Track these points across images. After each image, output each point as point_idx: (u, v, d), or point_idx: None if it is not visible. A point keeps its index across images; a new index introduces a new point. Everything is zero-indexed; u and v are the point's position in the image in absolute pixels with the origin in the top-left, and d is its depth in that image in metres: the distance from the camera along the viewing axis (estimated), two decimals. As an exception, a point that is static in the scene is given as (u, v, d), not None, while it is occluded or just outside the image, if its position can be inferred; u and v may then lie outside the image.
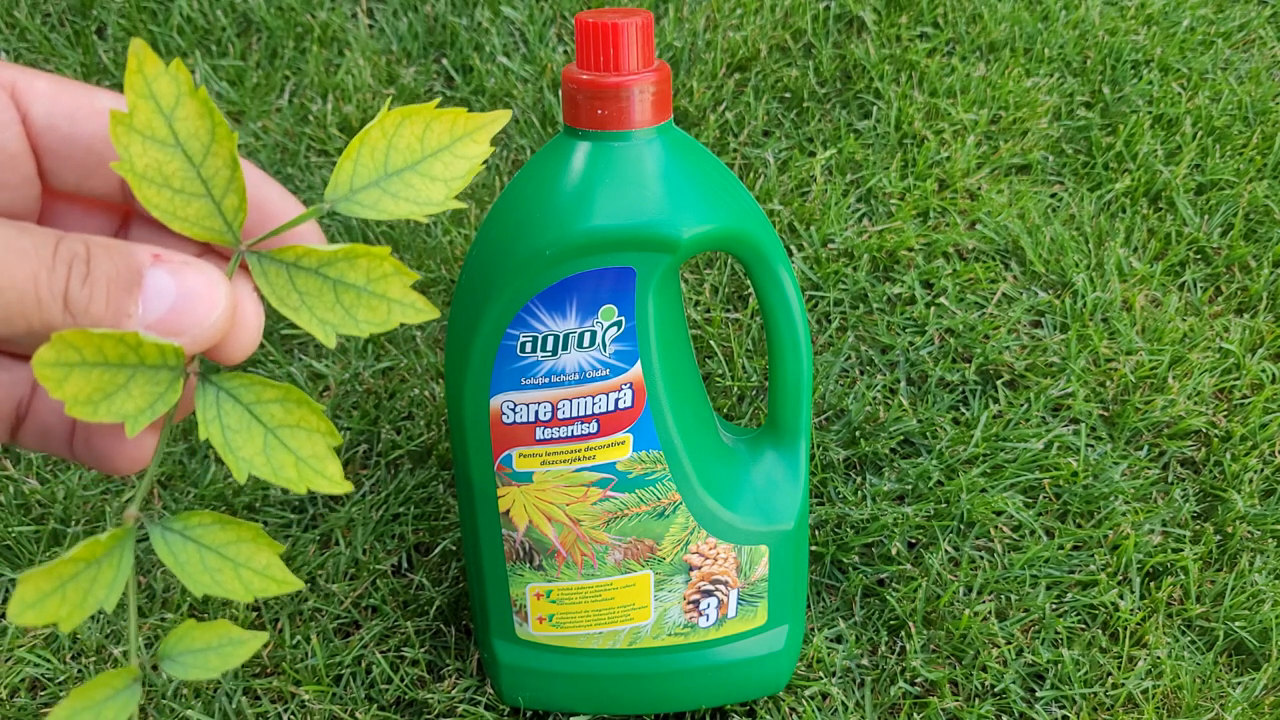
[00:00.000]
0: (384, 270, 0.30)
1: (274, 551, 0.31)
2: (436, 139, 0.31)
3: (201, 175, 0.29)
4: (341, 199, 0.31)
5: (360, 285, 0.30)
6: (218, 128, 0.29)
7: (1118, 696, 0.63)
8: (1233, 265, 0.85)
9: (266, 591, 0.31)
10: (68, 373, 0.27)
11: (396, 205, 0.31)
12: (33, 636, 0.65)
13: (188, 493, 0.72)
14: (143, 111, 0.29)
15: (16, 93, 0.30)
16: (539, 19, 0.98)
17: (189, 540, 0.31)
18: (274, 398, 0.30)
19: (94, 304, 0.27)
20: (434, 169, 0.31)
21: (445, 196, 0.31)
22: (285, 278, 0.30)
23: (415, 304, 0.30)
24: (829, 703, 0.63)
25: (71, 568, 0.28)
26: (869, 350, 0.79)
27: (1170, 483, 0.73)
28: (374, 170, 0.31)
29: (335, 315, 0.30)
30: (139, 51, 0.28)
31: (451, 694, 0.63)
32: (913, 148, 0.89)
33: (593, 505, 0.56)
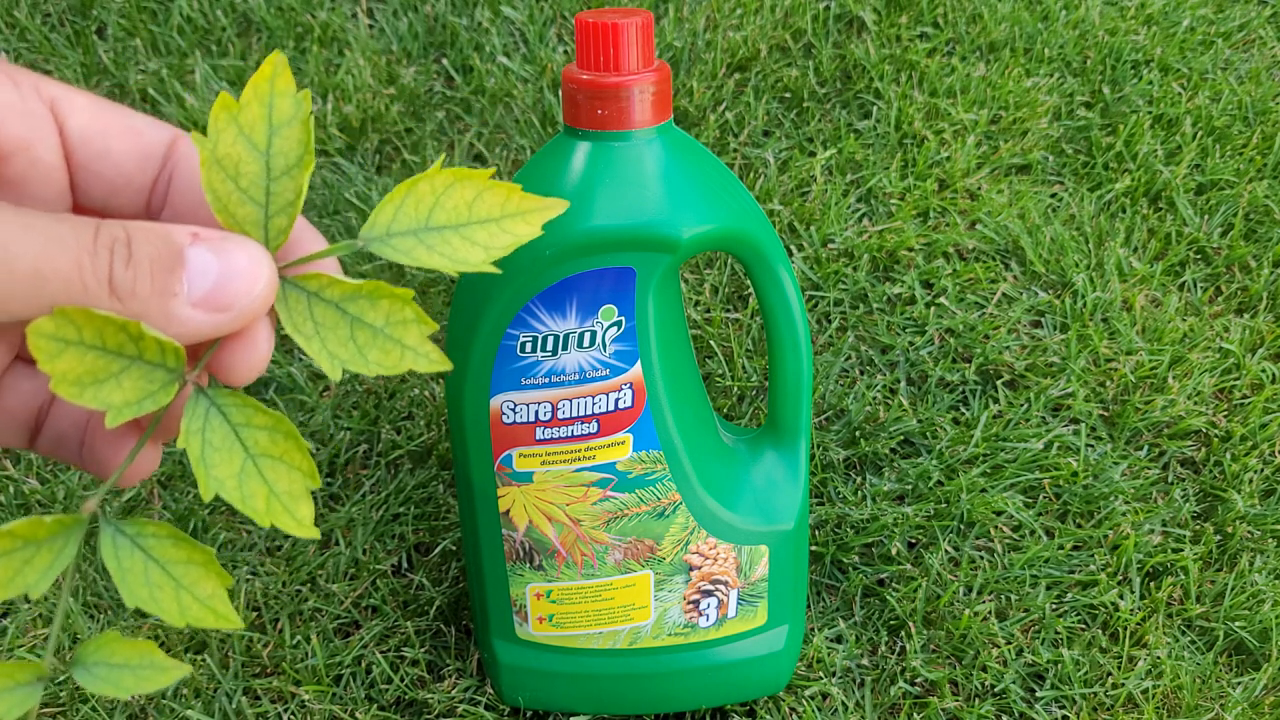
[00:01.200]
0: (404, 315, 0.30)
1: (222, 583, 0.30)
2: (486, 209, 0.31)
3: (269, 189, 0.30)
4: (376, 239, 0.30)
5: (378, 326, 0.30)
6: (307, 156, 0.29)
7: (1118, 696, 0.63)
8: (1233, 265, 0.85)
9: (201, 622, 0.30)
10: (62, 349, 0.27)
11: (430, 257, 0.30)
12: (33, 637, 0.65)
13: (188, 492, 0.72)
14: (253, 112, 0.29)
15: (56, 107, 0.30)
16: (539, 19, 0.98)
17: (138, 548, 0.30)
18: (263, 424, 0.30)
19: (139, 285, 0.27)
20: (477, 235, 0.31)
21: (482, 260, 0.30)
22: (305, 306, 0.30)
23: (429, 354, 0.30)
24: (829, 703, 0.63)
25: (8, 542, 0.28)
26: (869, 350, 0.79)
27: (1170, 483, 0.73)
28: (415, 220, 0.30)
29: (346, 351, 0.30)
30: (279, 64, 0.29)
31: (451, 694, 0.63)
32: (913, 148, 0.89)
33: (593, 505, 0.56)
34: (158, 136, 0.32)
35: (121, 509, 0.71)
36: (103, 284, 0.26)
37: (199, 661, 0.64)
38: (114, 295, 0.27)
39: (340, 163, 0.91)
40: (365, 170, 0.91)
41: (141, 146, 0.31)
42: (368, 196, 0.87)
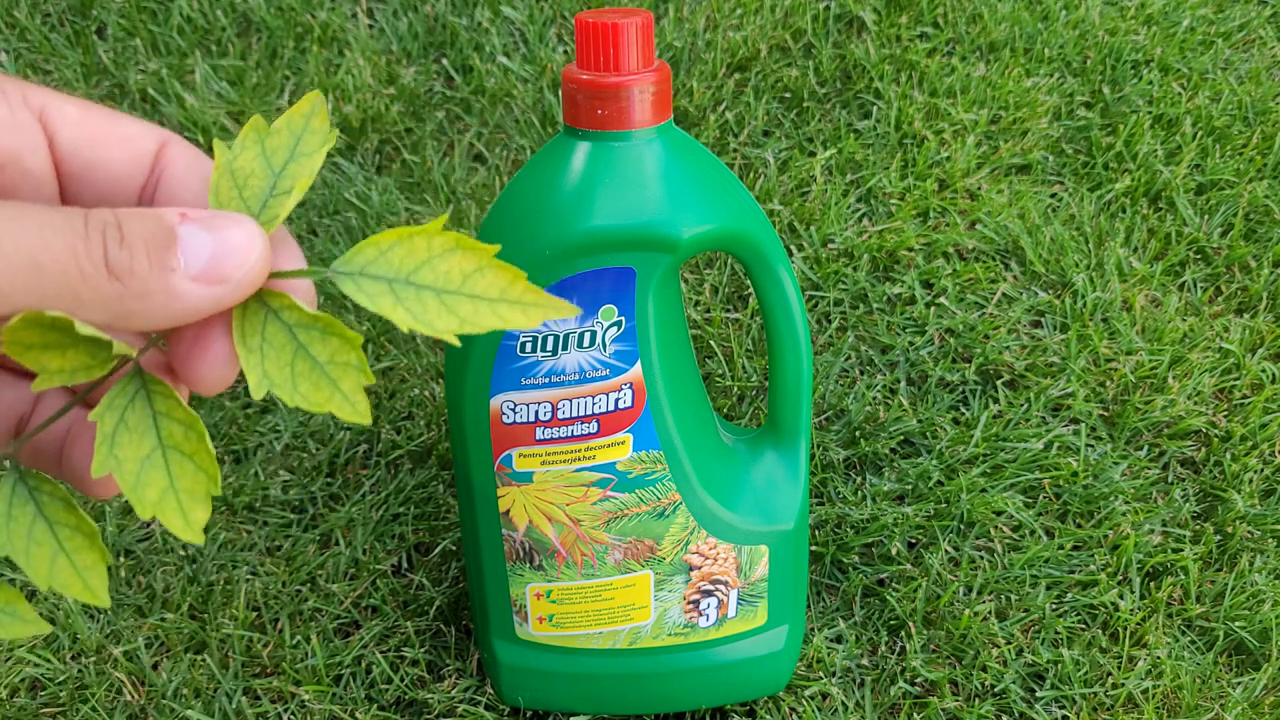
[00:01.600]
0: (348, 359, 0.30)
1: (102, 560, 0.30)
2: (483, 286, 0.30)
3: (266, 204, 0.30)
4: (346, 274, 0.30)
5: (320, 360, 0.30)
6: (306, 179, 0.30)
7: (1118, 696, 0.63)
8: (1233, 265, 0.85)
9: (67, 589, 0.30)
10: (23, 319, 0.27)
11: (394, 309, 0.29)
12: (33, 637, 0.65)
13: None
14: (280, 139, 0.31)
15: (45, 117, 0.30)
16: (539, 19, 0.98)
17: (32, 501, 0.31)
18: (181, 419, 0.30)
19: (136, 263, 0.27)
20: (460, 307, 0.30)
21: (449, 330, 0.29)
22: (260, 319, 0.30)
23: (357, 404, 0.30)
24: (829, 703, 0.63)
25: None
26: (869, 350, 0.79)
27: (1170, 483, 0.73)
28: (395, 270, 0.30)
29: (280, 375, 0.30)
30: (318, 103, 0.31)
31: (451, 694, 0.63)
32: (913, 148, 0.89)
33: (593, 505, 0.56)
34: (147, 144, 0.32)
35: (122, 509, 0.71)
36: (99, 266, 0.27)
37: (199, 661, 0.64)
38: (112, 276, 0.27)
39: (340, 163, 0.91)
40: (365, 170, 0.91)
41: (131, 154, 0.31)
42: (367, 196, 0.87)
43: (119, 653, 0.64)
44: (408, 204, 0.88)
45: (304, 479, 0.73)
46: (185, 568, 0.69)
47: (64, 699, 0.63)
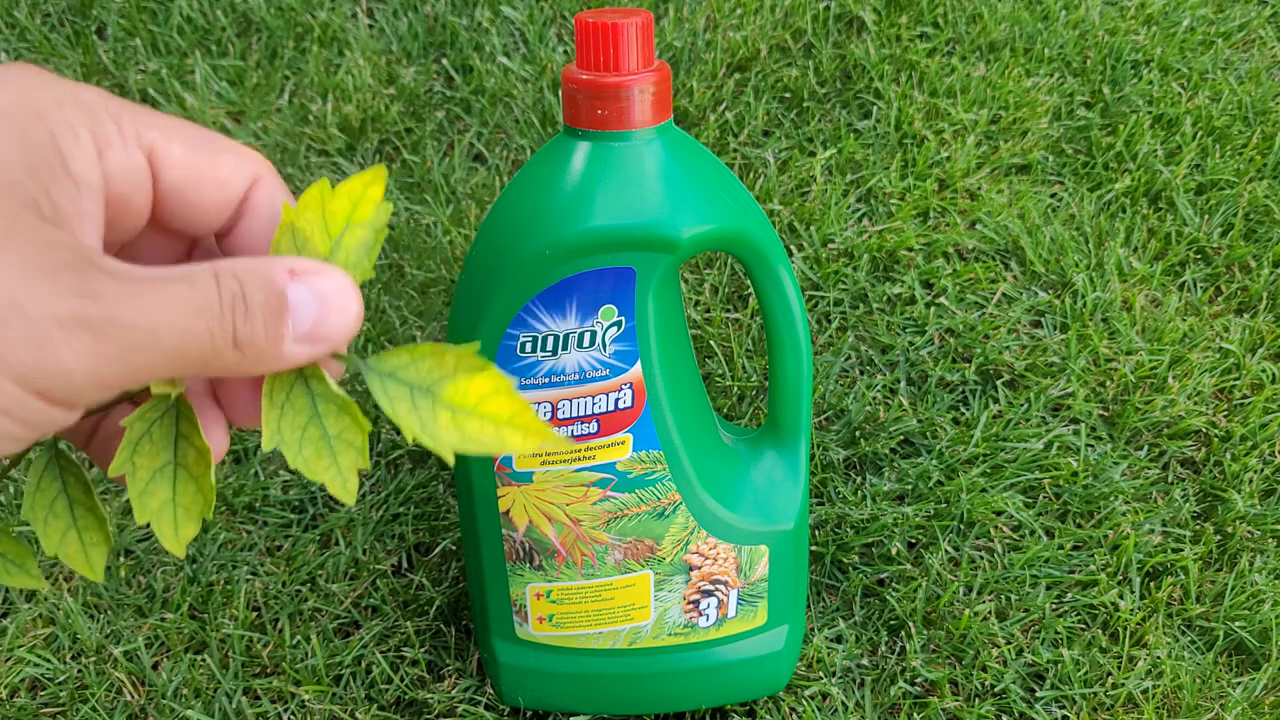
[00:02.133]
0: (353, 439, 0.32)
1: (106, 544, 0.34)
2: (495, 409, 0.32)
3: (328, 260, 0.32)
4: (377, 374, 0.32)
5: (330, 434, 0.32)
6: (367, 261, 0.32)
7: (1118, 696, 0.63)
8: (1233, 265, 0.85)
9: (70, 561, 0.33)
10: None
11: (410, 417, 0.32)
12: (33, 637, 0.65)
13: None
14: (338, 204, 0.32)
15: (153, 158, 0.32)
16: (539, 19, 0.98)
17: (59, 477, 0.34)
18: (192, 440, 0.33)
19: (255, 336, 0.29)
20: (468, 425, 0.32)
21: (447, 447, 0.31)
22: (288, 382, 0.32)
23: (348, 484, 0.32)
24: (829, 703, 0.63)
25: None
26: (869, 350, 0.79)
27: (1170, 483, 0.73)
28: (419, 379, 0.32)
29: (290, 435, 0.32)
30: (379, 175, 0.32)
31: (451, 694, 0.63)
32: (913, 148, 0.89)
33: (593, 505, 0.56)
34: (237, 186, 0.34)
35: (122, 509, 0.71)
36: (229, 343, 0.29)
37: (199, 661, 0.64)
38: (237, 348, 0.29)
39: (340, 163, 0.91)
40: (365, 170, 0.91)
41: (221, 197, 0.33)
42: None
43: (119, 653, 0.64)
44: (407, 204, 0.88)
45: (304, 479, 0.73)
46: (185, 568, 0.69)
47: (64, 699, 0.63)
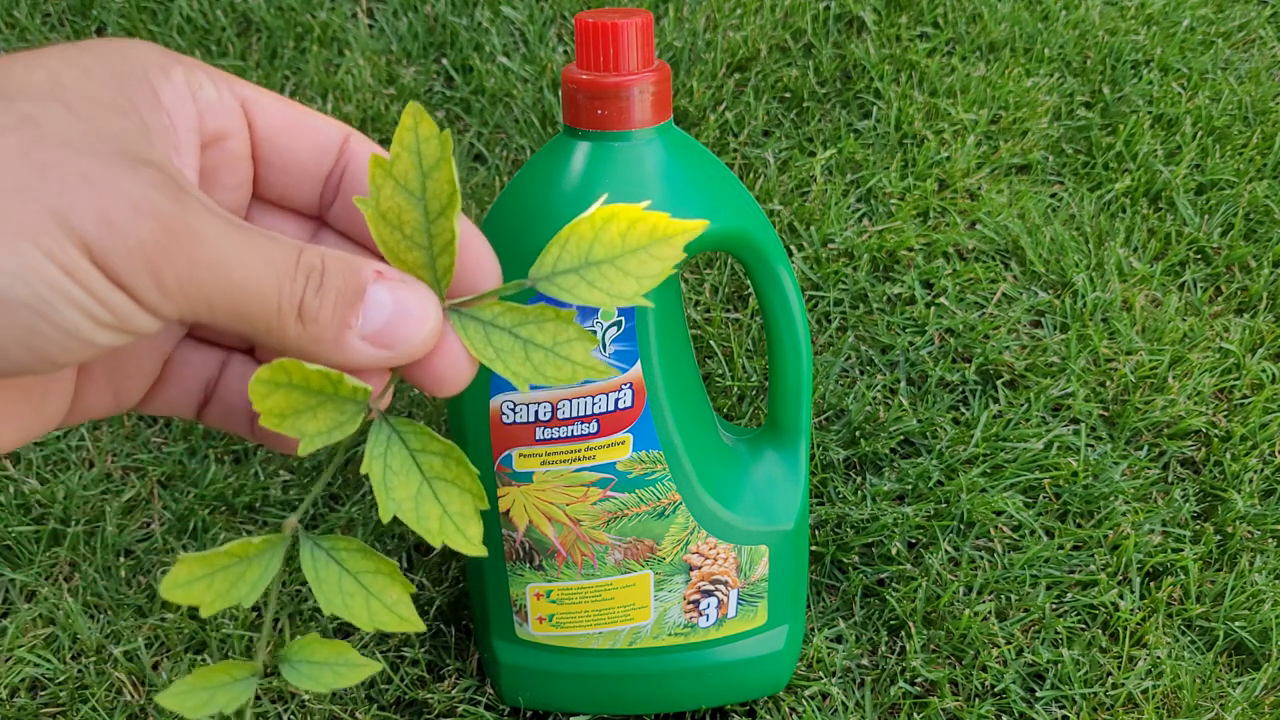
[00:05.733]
0: (569, 335, 0.33)
1: (405, 590, 0.33)
2: (637, 238, 0.33)
3: (430, 231, 0.32)
4: (543, 278, 0.33)
5: (547, 347, 0.33)
6: (455, 195, 0.31)
7: (1118, 696, 0.63)
8: (1233, 265, 0.85)
9: (388, 626, 0.32)
10: (273, 390, 0.30)
11: (590, 293, 0.33)
12: (32, 636, 0.65)
13: (187, 492, 0.72)
14: (404, 163, 0.32)
15: (246, 106, 0.33)
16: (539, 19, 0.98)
17: (333, 560, 0.33)
18: (437, 450, 0.33)
19: (322, 313, 0.29)
20: (629, 264, 0.33)
21: (635, 292, 0.33)
22: (482, 333, 0.33)
23: (597, 366, 0.33)
24: (829, 703, 0.63)
25: (223, 560, 0.30)
26: (869, 350, 0.79)
27: (1170, 483, 0.73)
28: (577, 258, 0.33)
29: (526, 370, 0.32)
30: (415, 112, 0.32)
31: (451, 694, 0.63)
32: (913, 148, 0.89)
33: (593, 505, 0.56)
34: (333, 135, 0.34)
35: (121, 509, 0.71)
36: (294, 307, 0.29)
37: (199, 662, 0.64)
38: (300, 319, 0.29)
39: (340, 163, 0.91)
40: (365, 170, 0.91)
41: (318, 144, 0.34)
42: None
43: (119, 653, 0.64)
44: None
45: (304, 479, 0.73)
46: (185, 568, 0.69)
47: (64, 699, 0.63)
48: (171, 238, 0.26)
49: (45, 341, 0.26)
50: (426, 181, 0.32)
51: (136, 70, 0.29)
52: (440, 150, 0.31)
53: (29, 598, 0.68)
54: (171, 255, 0.26)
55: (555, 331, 0.33)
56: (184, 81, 0.31)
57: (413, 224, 0.32)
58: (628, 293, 0.33)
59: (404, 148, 0.31)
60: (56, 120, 0.27)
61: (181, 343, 0.36)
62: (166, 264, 0.26)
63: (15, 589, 0.68)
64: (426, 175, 0.32)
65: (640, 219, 0.33)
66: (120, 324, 0.27)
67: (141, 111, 0.29)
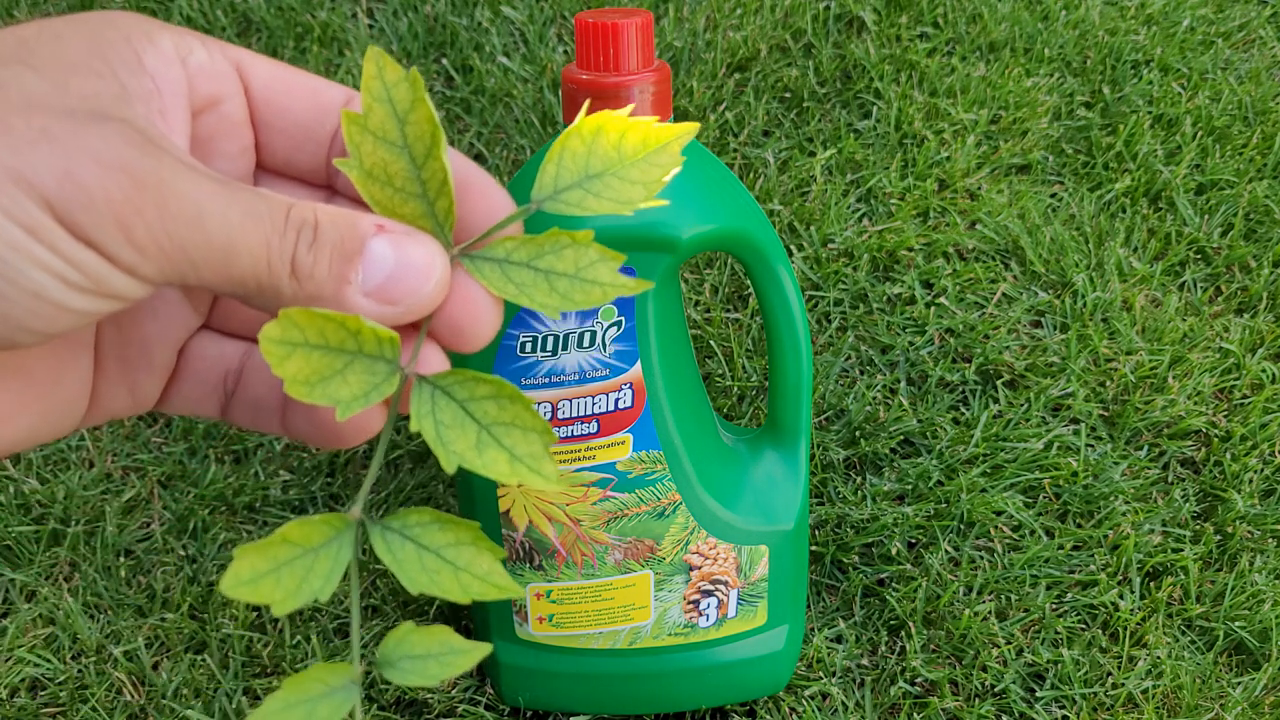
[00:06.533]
0: (590, 258, 0.31)
1: (495, 557, 0.30)
2: (631, 149, 0.32)
3: (421, 177, 0.30)
4: (547, 198, 0.31)
5: (571, 274, 0.31)
6: (436, 132, 0.30)
7: (1118, 696, 0.63)
8: (1233, 265, 0.85)
9: (485, 596, 0.30)
10: (290, 352, 0.28)
11: (599, 203, 0.31)
12: (32, 636, 0.65)
13: (187, 492, 0.72)
14: (378, 114, 0.30)
15: (241, 69, 0.31)
16: (539, 19, 0.98)
17: (408, 540, 0.31)
18: (487, 394, 0.30)
19: (318, 268, 0.28)
20: (631, 173, 0.32)
21: (644, 196, 0.32)
22: (499, 272, 0.31)
23: (624, 284, 0.31)
24: (829, 703, 0.63)
25: (286, 551, 0.28)
26: (869, 350, 0.79)
27: (1170, 483, 0.73)
28: (576, 173, 0.32)
29: (553, 299, 0.31)
30: (377, 58, 0.30)
31: (451, 694, 0.63)
32: (913, 148, 0.89)
33: (593, 505, 0.56)
34: (334, 96, 0.33)
35: (121, 508, 0.71)
36: (285, 263, 0.27)
37: (199, 661, 0.64)
38: (294, 276, 0.28)
39: (340, 163, 0.91)
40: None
41: (319, 105, 0.32)
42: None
43: (119, 653, 0.64)
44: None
45: (304, 479, 0.73)
46: (185, 568, 0.69)
47: (64, 699, 0.63)
48: (140, 190, 0.25)
49: (14, 307, 0.25)
50: (405, 127, 0.30)
51: (118, 36, 0.28)
52: (412, 92, 0.30)
53: (29, 598, 0.68)
54: (141, 209, 0.25)
55: (576, 257, 0.31)
56: (171, 47, 0.30)
57: (401, 174, 0.30)
58: (636, 198, 0.32)
59: (374, 98, 0.30)
60: (20, 82, 0.26)
61: (198, 334, 0.35)
62: (136, 218, 0.25)
63: (15, 589, 0.68)
64: (404, 121, 0.30)
65: (630, 128, 0.32)
66: (95, 286, 0.26)
67: (120, 75, 0.28)
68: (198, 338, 0.35)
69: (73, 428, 0.32)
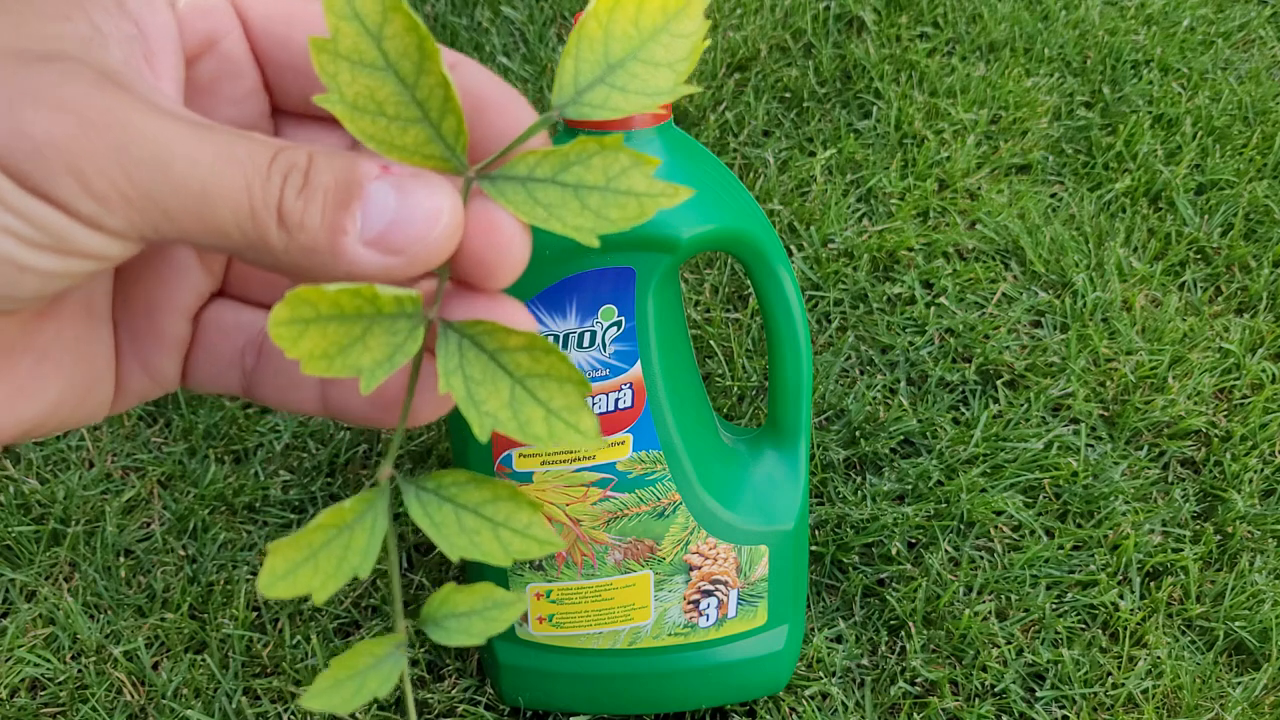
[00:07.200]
0: (621, 164, 0.27)
1: (535, 509, 0.28)
2: (651, 20, 0.28)
3: (416, 98, 0.27)
4: (569, 102, 0.28)
5: (602, 186, 0.27)
6: (425, 42, 0.26)
7: (1118, 696, 0.63)
8: (1233, 265, 0.85)
9: (527, 553, 0.28)
10: (303, 330, 0.25)
11: (626, 100, 0.28)
12: (32, 637, 0.65)
13: (188, 492, 0.72)
14: (348, 34, 0.26)
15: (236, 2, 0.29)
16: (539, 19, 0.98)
17: (444, 500, 0.29)
18: (519, 345, 0.27)
19: (309, 217, 0.25)
20: (655, 54, 0.28)
21: (673, 83, 0.28)
22: (524, 193, 0.27)
23: (665, 191, 0.27)
24: (829, 703, 0.63)
25: (321, 535, 0.26)
26: (869, 350, 0.79)
27: (1170, 483, 0.73)
28: (596, 65, 0.28)
29: (587, 220, 0.27)
30: None
31: (451, 694, 0.63)
32: (913, 148, 0.89)
33: (593, 505, 0.56)
34: None
35: (121, 508, 0.71)
36: (271, 212, 0.25)
37: (199, 661, 0.64)
38: (282, 226, 0.25)
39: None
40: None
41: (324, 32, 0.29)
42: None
43: (119, 653, 0.64)
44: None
45: (304, 479, 0.73)
46: (185, 568, 0.69)
47: (64, 699, 0.63)
48: (92, 132, 0.22)
49: None
50: (382, 44, 0.26)
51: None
52: (381, 2, 0.26)
53: (29, 598, 0.68)
54: (94, 153, 0.22)
55: (605, 165, 0.27)
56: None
57: (391, 100, 0.27)
58: (665, 86, 0.28)
59: (339, 16, 0.26)
60: None
61: (214, 302, 0.32)
62: (89, 163, 0.22)
63: (15, 589, 0.68)
64: (379, 37, 0.26)
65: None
66: (58, 243, 0.23)
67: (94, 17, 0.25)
68: (214, 305, 0.31)
69: (103, 408, 0.29)
